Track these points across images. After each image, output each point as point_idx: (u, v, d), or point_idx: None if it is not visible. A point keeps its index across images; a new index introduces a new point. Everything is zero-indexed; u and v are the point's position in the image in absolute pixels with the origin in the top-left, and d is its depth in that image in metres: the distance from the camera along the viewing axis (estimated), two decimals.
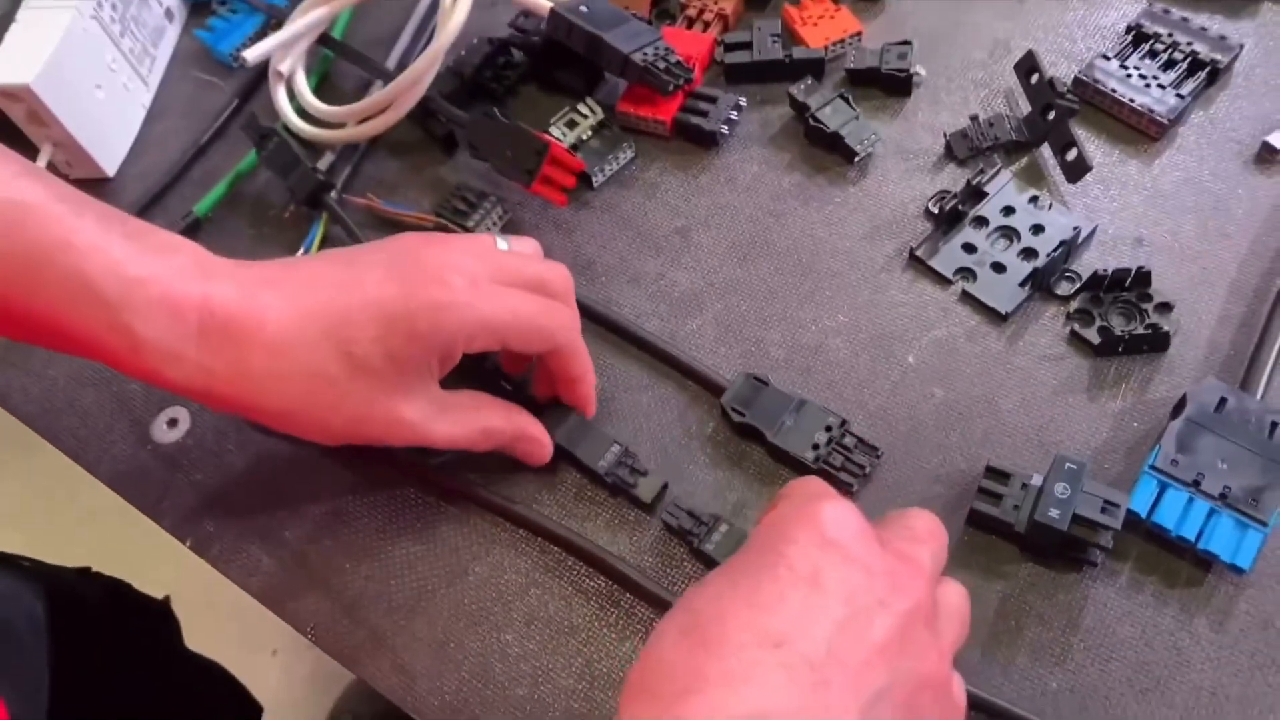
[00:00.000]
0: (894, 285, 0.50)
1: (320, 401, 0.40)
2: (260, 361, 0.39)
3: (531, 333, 0.42)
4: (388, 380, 0.40)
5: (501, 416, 0.44)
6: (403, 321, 0.39)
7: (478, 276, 0.41)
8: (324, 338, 0.39)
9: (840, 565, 0.32)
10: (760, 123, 0.56)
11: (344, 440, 0.42)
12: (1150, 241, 0.49)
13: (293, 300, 0.40)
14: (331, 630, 0.44)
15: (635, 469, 0.45)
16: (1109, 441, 0.44)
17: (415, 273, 0.40)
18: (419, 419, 0.41)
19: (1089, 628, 0.41)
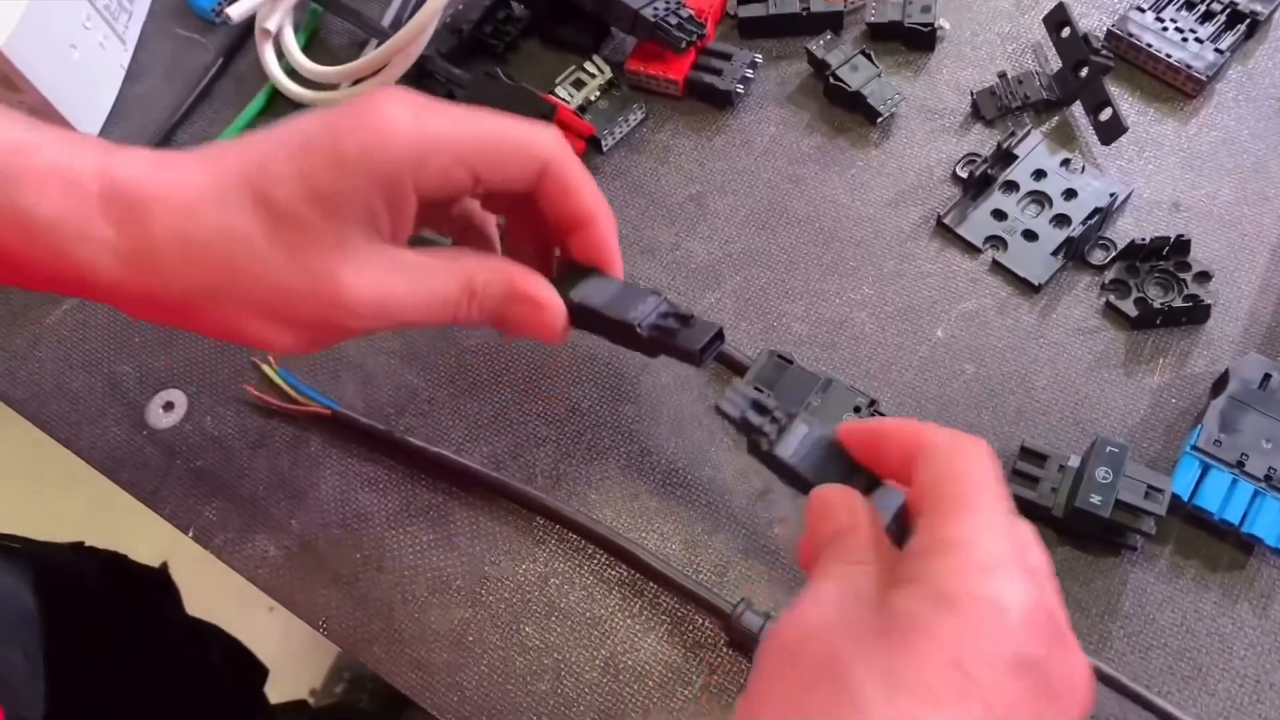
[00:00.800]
0: (921, 254, 0.47)
1: (243, 268, 0.32)
2: (166, 226, 0.32)
3: (506, 148, 0.34)
4: (321, 236, 0.32)
5: (489, 266, 0.35)
6: (326, 147, 0.32)
7: (431, 103, 0.34)
8: (238, 190, 0.32)
9: (1032, 696, 0.25)
10: (777, 80, 0.53)
11: (288, 334, 0.34)
12: (1187, 206, 0.47)
13: (206, 160, 0.33)
14: (344, 624, 0.43)
15: (679, 314, 0.36)
16: (1147, 419, 0.43)
17: (352, 104, 0.33)
18: (372, 285, 0.33)
19: (1128, 614, 0.39)
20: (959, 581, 0.26)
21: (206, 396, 0.48)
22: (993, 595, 0.25)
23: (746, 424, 0.34)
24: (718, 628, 0.41)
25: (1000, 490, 0.28)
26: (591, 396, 0.46)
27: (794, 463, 0.33)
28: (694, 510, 0.43)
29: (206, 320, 0.34)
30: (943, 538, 0.27)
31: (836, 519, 0.30)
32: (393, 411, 0.47)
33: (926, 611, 0.26)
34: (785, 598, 0.41)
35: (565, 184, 0.35)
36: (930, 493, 0.28)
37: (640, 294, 0.36)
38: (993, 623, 0.25)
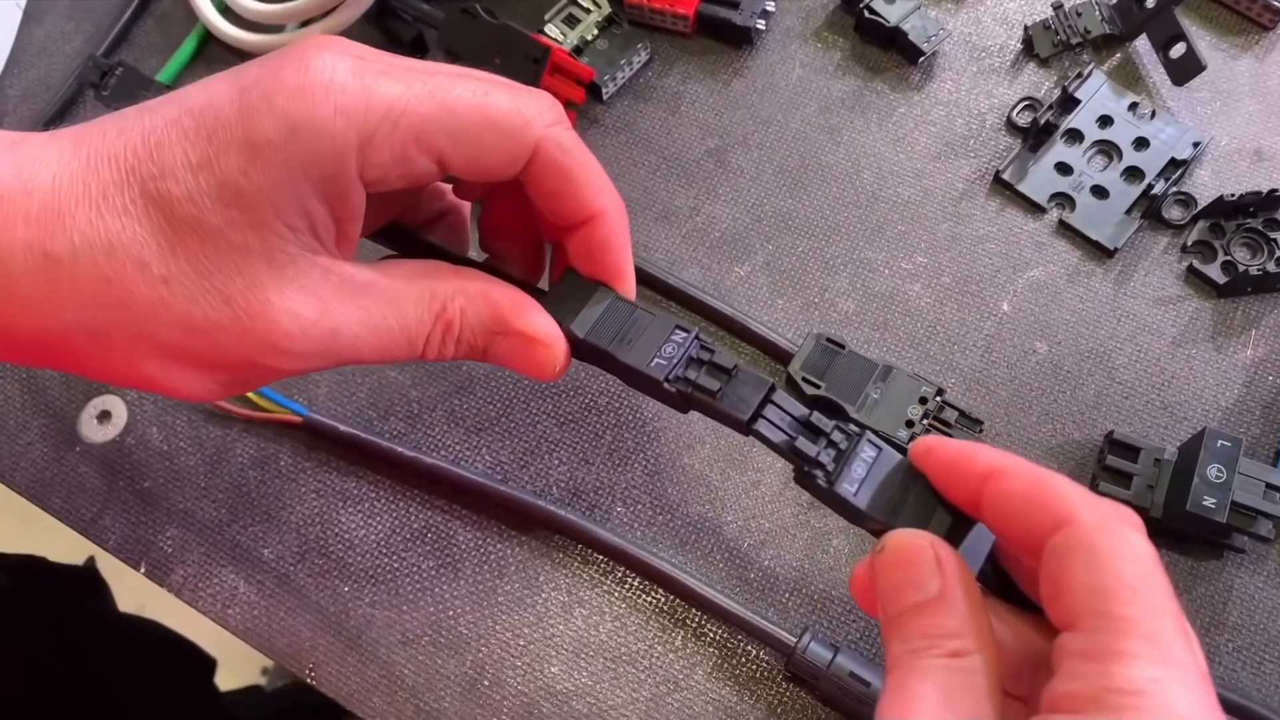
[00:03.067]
0: (978, 215, 0.42)
1: (132, 298, 0.23)
2: (22, 240, 0.23)
3: (482, 123, 0.25)
4: (237, 245, 0.23)
5: (468, 290, 0.27)
6: (237, 126, 0.23)
7: (366, 56, 0.25)
8: (121, 186, 0.23)
9: None
10: (801, 14, 0.46)
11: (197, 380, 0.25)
12: (1271, 154, 0.42)
13: (78, 145, 0.24)
14: (336, 671, 0.37)
15: (717, 365, 0.27)
16: (1242, 399, 0.38)
17: (268, 61, 0.24)
18: (311, 312, 0.24)
19: (1236, 624, 0.35)
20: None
21: (150, 403, 0.41)
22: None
23: (797, 453, 0.26)
24: (776, 660, 0.35)
25: (1173, 603, 0.21)
26: (610, 391, 0.40)
27: (863, 506, 0.26)
28: (738, 522, 0.37)
29: (88, 363, 0.25)
30: (1111, 685, 0.20)
31: (921, 583, 0.23)
32: (375, 415, 0.40)
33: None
34: (851, 624, 0.36)
35: (563, 171, 0.27)
36: (1078, 597, 0.21)
37: (664, 327, 0.28)
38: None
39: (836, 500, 0.26)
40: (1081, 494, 0.22)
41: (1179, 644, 0.20)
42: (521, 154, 0.26)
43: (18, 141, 0.24)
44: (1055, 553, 0.22)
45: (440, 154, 0.25)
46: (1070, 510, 0.22)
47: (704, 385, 0.27)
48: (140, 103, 0.25)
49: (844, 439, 0.26)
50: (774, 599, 0.36)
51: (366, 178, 0.24)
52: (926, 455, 0.25)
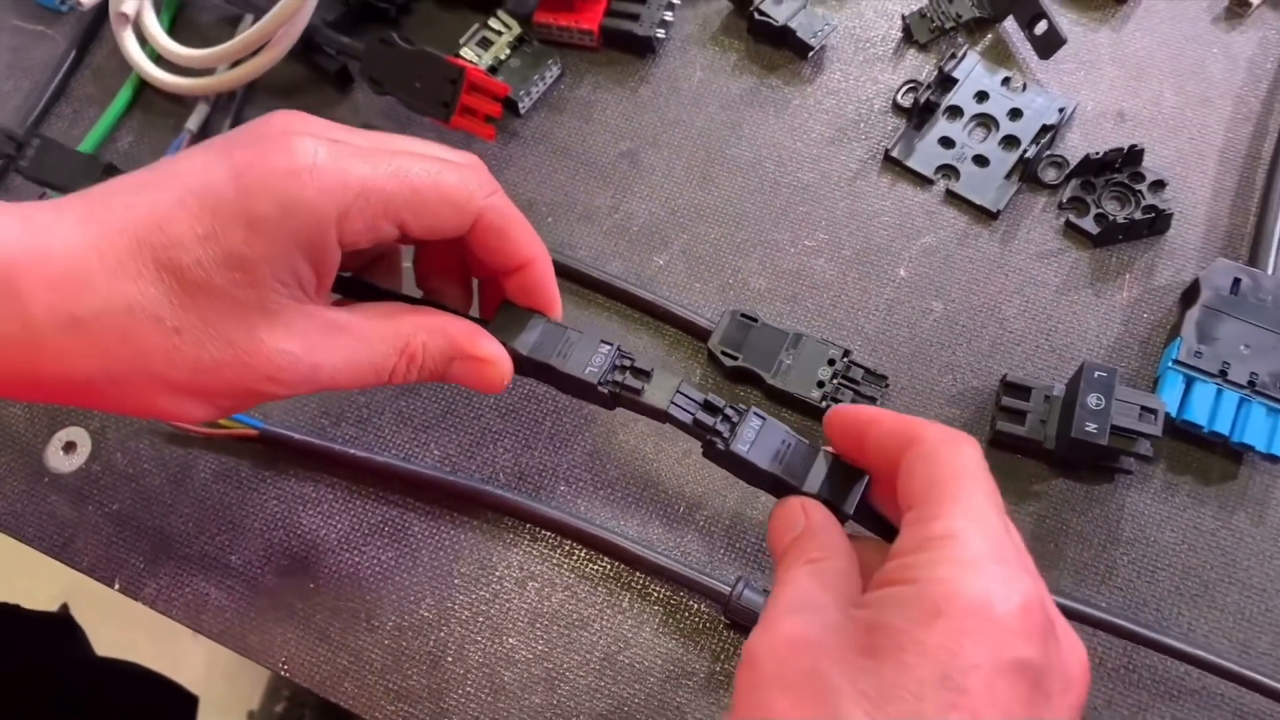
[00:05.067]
0: (872, 192, 0.45)
1: (148, 348, 0.28)
2: (48, 305, 0.27)
3: (437, 195, 0.30)
4: (237, 302, 0.28)
5: (423, 326, 0.32)
6: (236, 206, 0.27)
7: (341, 138, 0.29)
8: (133, 255, 0.27)
9: (1027, 703, 0.24)
10: (698, 21, 0.50)
11: (203, 407, 0.30)
12: (1132, 115, 0.46)
13: (85, 217, 0.28)
14: (307, 662, 0.39)
15: (638, 368, 0.33)
16: (1121, 337, 0.42)
17: (248, 145, 0.28)
18: (297, 350, 0.29)
19: (1130, 539, 0.39)
20: (947, 585, 0.24)
21: (113, 431, 0.43)
22: (983, 598, 0.24)
23: (700, 426, 0.32)
24: (716, 610, 0.38)
25: (991, 486, 0.27)
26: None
27: (755, 460, 0.31)
28: (672, 489, 0.40)
29: (107, 401, 0.29)
30: (929, 534, 0.26)
31: (792, 524, 0.30)
32: (328, 423, 0.42)
33: (912, 623, 0.24)
34: None
35: (501, 231, 0.32)
36: (916, 486, 0.27)
37: (590, 341, 0.33)
38: (983, 629, 0.24)
39: (733, 460, 0.31)
40: (932, 424, 0.29)
41: (988, 510, 0.26)
42: (468, 221, 0.31)
43: (27, 216, 0.28)
44: (907, 463, 0.28)
45: (402, 222, 0.30)
46: (920, 432, 0.28)
47: (629, 385, 0.32)
48: (128, 175, 0.29)
49: (735, 414, 0.32)
50: (711, 555, 0.39)
51: (343, 242, 0.29)
52: (831, 416, 0.31)
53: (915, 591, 0.25)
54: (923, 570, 0.25)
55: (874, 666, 0.24)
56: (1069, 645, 0.26)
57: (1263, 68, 0.46)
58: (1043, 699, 0.24)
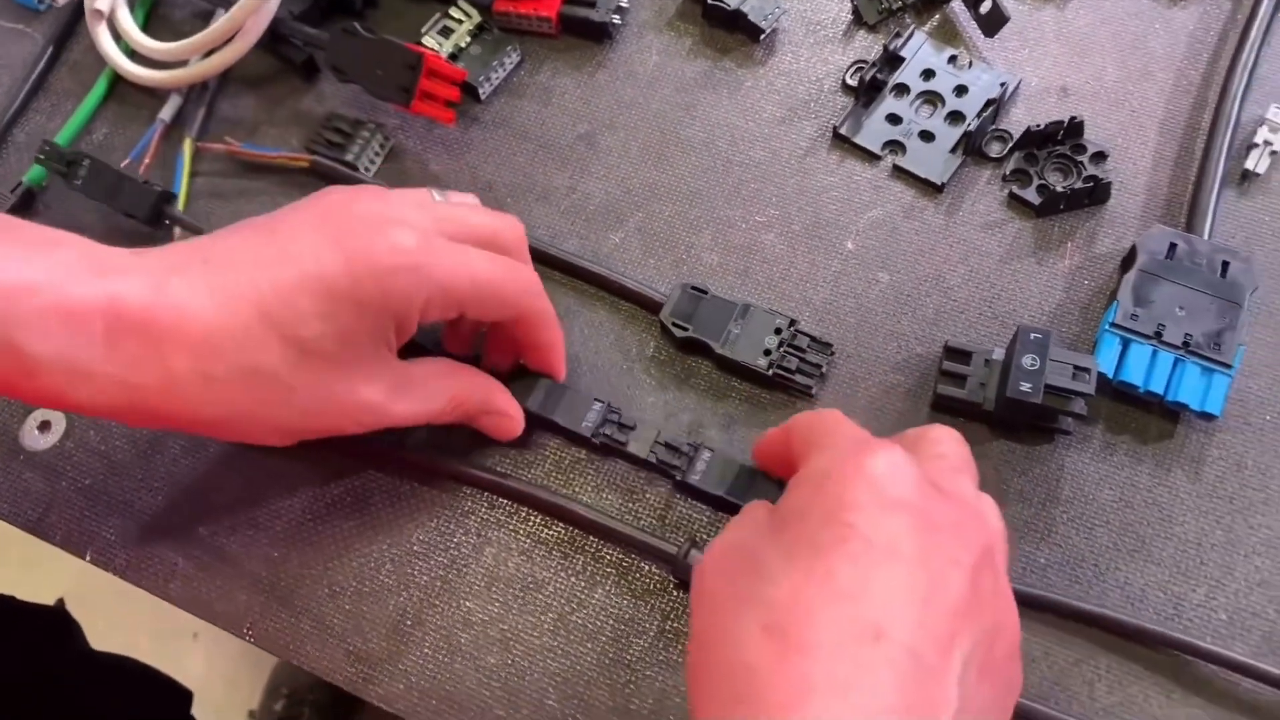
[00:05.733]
0: (821, 168, 0.46)
1: (267, 400, 0.34)
2: (186, 365, 0.33)
3: (495, 298, 0.37)
4: (341, 363, 0.35)
5: (468, 385, 0.40)
6: (351, 294, 0.34)
7: (425, 231, 0.35)
8: (259, 325, 0.33)
9: (912, 529, 0.28)
10: (654, 7, 0.51)
11: (299, 438, 0.37)
12: (1075, 90, 0.47)
13: (213, 286, 0.33)
14: (270, 628, 0.40)
15: (623, 424, 0.41)
16: (1063, 303, 0.43)
17: (353, 234, 0.34)
18: (381, 400, 0.36)
19: (1069, 498, 0.39)
20: (827, 463, 0.31)
21: None
22: (856, 459, 0.30)
23: (664, 465, 0.40)
24: (666, 572, 0.39)
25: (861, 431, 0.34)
26: None
27: (701, 485, 0.39)
28: (625, 465, 0.41)
29: (220, 434, 0.37)
30: (812, 463, 0.32)
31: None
32: None
33: (808, 495, 0.30)
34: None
35: (535, 324, 0.39)
36: (800, 448, 0.34)
37: (585, 400, 0.41)
38: (860, 481, 0.29)
39: (689, 488, 0.40)
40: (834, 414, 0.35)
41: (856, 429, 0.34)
42: (514, 312, 0.38)
43: (166, 279, 0.33)
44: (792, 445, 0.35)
45: (465, 308, 0.37)
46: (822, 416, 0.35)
47: (616, 439, 0.41)
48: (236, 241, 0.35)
49: (691, 450, 0.40)
50: (661, 519, 0.40)
51: (420, 320, 0.36)
52: (755, 454, 0.39)
53: (806, 476, 0.31)
54: (810, 467, 0.31)
55: (786, 534, 0.29)
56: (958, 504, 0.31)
57: (1203, 41, 0.47)
58: (931, 531, 0.29)
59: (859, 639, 0.26)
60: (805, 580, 0.28)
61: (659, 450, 0.40)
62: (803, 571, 0.28)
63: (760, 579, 0.29)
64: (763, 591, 0.28)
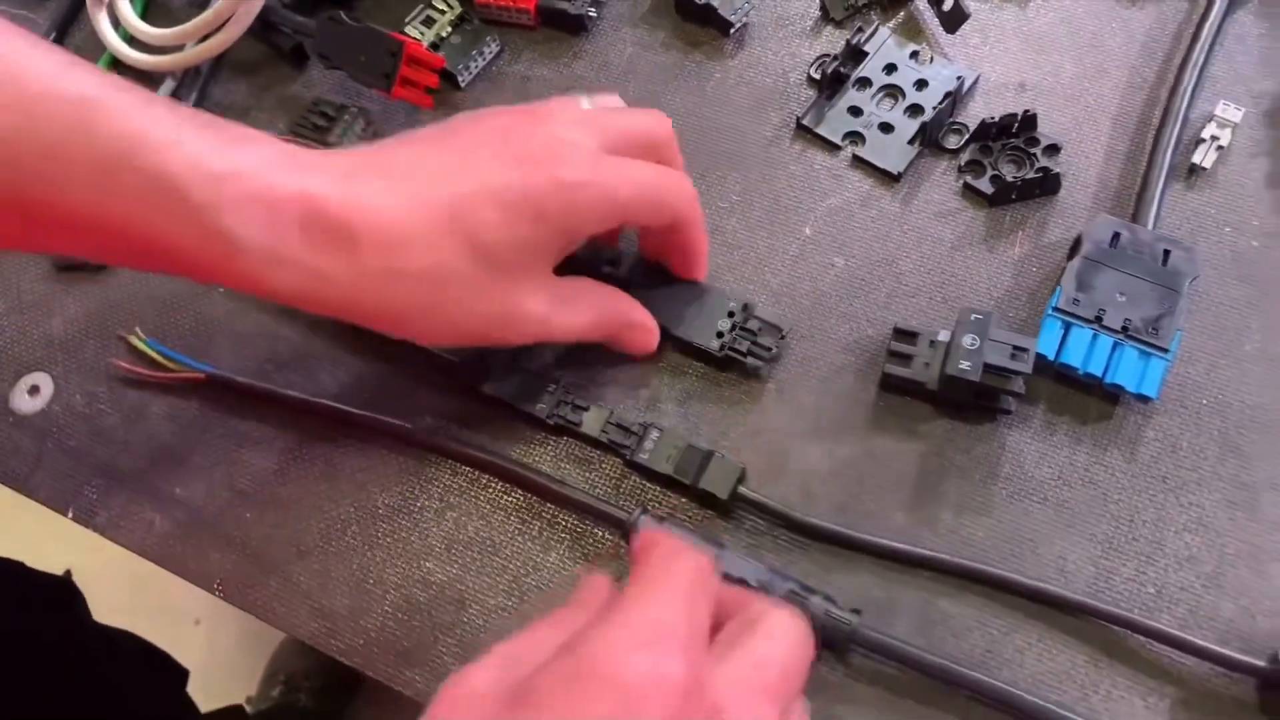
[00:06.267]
0: (784, 157, 0.48)
1: (447, 299, 0.36)
2: (376, 261, 0.35)
3: (658, 205, 0.39)
4: (514, 272, 0.37)
5: (610, 301, 0.42)
6: (531, 205, 0.36)
7: (592, 148, 0.38)
8: (447, 230, 0.35)
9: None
10: (629, 2, 0.53)
11: (465, 341, 0.39)
12: (1033, 85, 0.48)
13: (402, 190, 0.36)
14: (240, 583, 0.42)
15: (577, 405, 0.43)
16: (1011, 289, 0.44)
17: (530, 152, 0.37)
18: (544, 311, 0.38)
19: (1008, 475, 0.41)
20: (591, 651, 0.26)
21: (75, 375, 0.47)
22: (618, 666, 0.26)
23: (611, 444, 0.42)
24: (617, 537, 0.41)
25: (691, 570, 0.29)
26: None
27: (652, 465, 0.41)
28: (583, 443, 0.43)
29: (394, 328, 0.38)
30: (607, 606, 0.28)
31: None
32: (271, 368, 0.46)
33: (555, 682, 0.26)
34: (680, 499, 0.41)
35: (688, 230, 0.42)
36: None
37: (543, 384, 0.43)
38: (612, 696, 0.25)
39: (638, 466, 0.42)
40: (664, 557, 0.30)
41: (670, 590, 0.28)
42: (674, 218, 0.40)
43: (360, 177, 0.36)
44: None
45: (630, 218, 0.39)
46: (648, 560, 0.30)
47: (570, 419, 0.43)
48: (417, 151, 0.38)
49: (641, 430, 0.42)
50: (616, 488, 0.42)
51: (593, 232, 0.38)
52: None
53: (568, 651, 0.26)
54: (582, 636, 0.27)
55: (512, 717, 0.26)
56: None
57: (1158, 41, 0.48)
58: None
59: None
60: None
61: (611, 430, 0.42)
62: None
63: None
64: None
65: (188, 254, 0.34)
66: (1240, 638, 0.37)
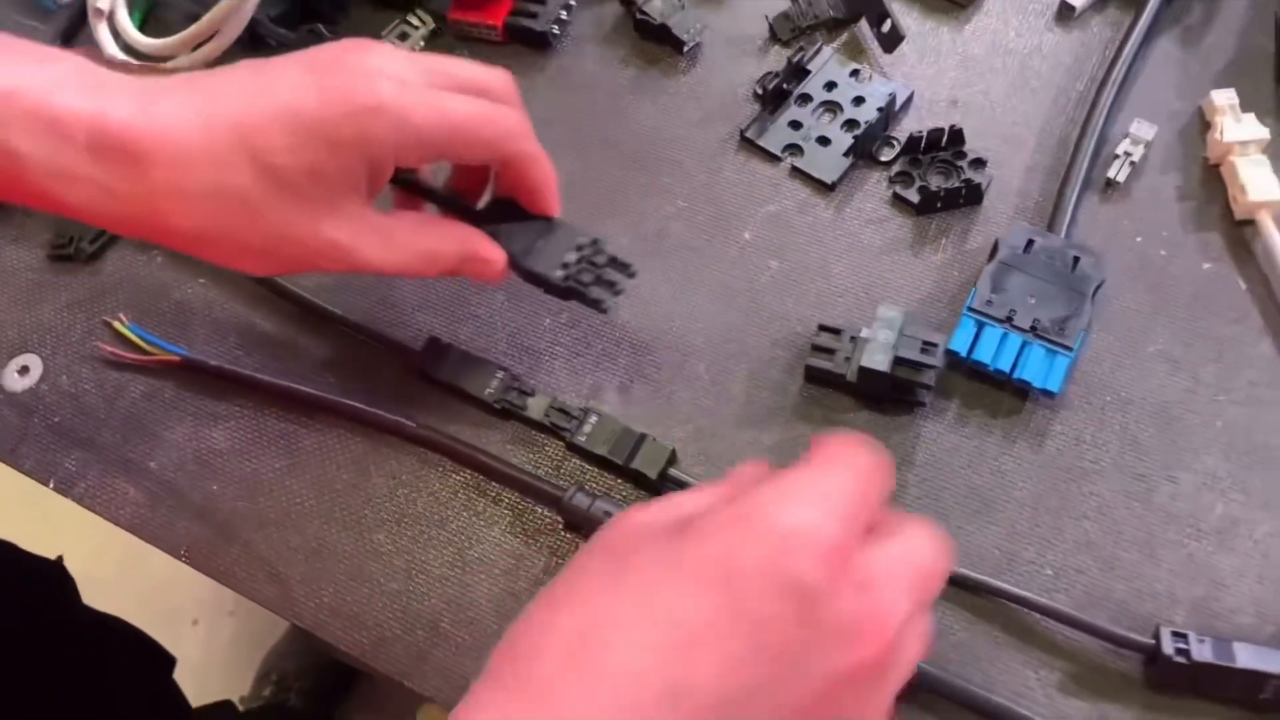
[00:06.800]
0: (728, 167, 0.51)
1: (235, 222, 0.36)
2: (163, 178, 0.35)
3: (473, 142, 0.39)
4: (310, 197, 0.36)
5: (445, 238, 0.41)
6: (323, 130, 0.35)
7: (406, 79, 0.37)
8: (235, 150, 0.35)
9: (793, 623, 0.26)
10: (592, 21, 0.56)
11: (267, 266, 0.39)
12: (964, 103, 0.51)
13: (196, 110, 0.36)
14: (204, 551, 0.45)
15: (523, 390, 0.45)
16: (933, 292, 0.47)
17: (335, 76, 0.36)
18: (347, 241, 0.38)
19: (922, 463, 0.44)
20: (756, 500, 0.28)
21: (62, 357, 0.50)
22: (779, 515, 0.27)
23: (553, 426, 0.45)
24: (555, 514, 0.44)
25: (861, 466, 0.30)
26: (433, 323, 0.49)
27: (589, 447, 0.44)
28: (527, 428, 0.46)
29: (204, 252, 0.38)
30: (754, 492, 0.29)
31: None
32: (242, 352, 0.49)
33: (718, 522, 0.28)
34: (615, 480, 0.44)
35: (522, 167, 0.41)
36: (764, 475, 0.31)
37: (491, 370, 0.46)
38: (770, 538, 0.27)
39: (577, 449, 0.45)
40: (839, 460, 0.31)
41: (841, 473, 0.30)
42: (496, 154, 0.40)
43: (152, 97, 0.36)
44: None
45: (443, 153, 0.39)
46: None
47: (515, 404, 0.45)
48: (230, 75, 0.37)
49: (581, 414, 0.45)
50: (558, 469, 0.45)
51: (399, 164, 0.38)
52: None
53: (733, 501, 0.29)
54: (751, 491, 0.29)
55: (669, 542, 0.28)
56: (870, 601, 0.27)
57: (1083, 65, 0.51)
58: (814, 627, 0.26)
59: (659, 698, 0.25)
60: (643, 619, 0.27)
61: (553, 414, 0.45)
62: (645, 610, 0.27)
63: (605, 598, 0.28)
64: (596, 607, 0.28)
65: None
66: (1130, 617, 0.40)
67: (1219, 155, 0.47)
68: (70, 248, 0.52)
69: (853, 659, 0.27)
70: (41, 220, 0.54)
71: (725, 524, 0.28)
